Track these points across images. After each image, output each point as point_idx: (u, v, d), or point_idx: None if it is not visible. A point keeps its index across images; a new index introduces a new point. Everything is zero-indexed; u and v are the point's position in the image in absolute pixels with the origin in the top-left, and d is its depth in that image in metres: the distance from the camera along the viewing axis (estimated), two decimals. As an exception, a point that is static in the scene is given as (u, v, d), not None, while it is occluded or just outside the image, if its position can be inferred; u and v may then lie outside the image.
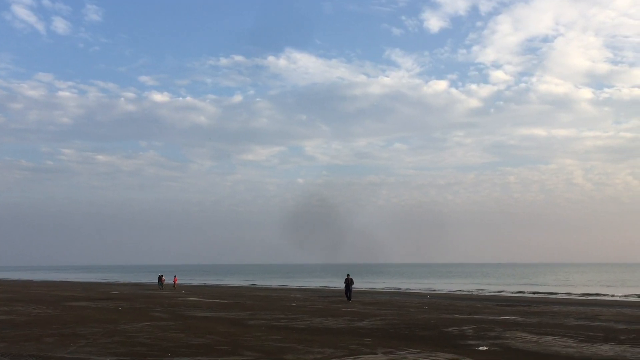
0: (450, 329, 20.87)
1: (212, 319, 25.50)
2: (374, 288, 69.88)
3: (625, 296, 52.04)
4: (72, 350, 15.50)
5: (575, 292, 58.34)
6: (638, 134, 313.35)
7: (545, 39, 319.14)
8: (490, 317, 26.21)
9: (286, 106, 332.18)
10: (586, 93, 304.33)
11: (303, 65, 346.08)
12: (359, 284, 78.43)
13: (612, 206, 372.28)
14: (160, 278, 65.88)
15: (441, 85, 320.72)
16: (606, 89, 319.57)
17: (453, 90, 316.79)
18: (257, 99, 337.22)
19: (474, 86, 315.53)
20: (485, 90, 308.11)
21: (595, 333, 19.60)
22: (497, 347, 16.06)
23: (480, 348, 15.92)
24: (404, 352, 14.88)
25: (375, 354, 14.67)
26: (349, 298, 39.04)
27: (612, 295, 52.85)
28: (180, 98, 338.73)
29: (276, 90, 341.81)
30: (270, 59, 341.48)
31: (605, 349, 15.84)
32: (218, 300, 40.37)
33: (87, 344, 16.66)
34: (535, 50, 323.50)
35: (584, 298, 48.75)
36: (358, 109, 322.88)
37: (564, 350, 15.50)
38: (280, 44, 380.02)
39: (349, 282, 39.45)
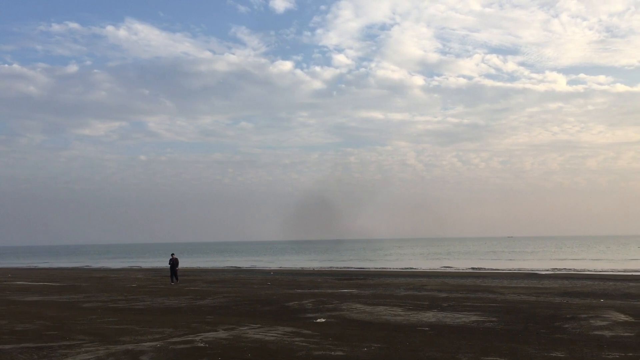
0: (291, 303, 21.53)
1: (41, 303, 23.77)
2: (218, 266, 69.64)
3: (448, 267, 57.44)
4: None
5: (403, 266, 63.04)
6: (462, 119, 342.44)
7: (383, 27, 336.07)
8: (329, 291, 27.45)
9: (127, 79, 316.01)
10: (418, 80, 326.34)
11: (145, 38, 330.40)
12: (200, 263, 77.85)
13: (439, 185, 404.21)
14: None
15: (287, 65, 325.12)
16: (436, 77, 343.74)
17: (298, 71, 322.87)
18: (95, 71, 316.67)
19: (317, 68, 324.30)
20: (328, 73, 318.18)
21: (421, 302, 21.42)
22: (334, 319, 16.90)
23: (318, 320, 16.64)
24: (245, 328, 15.09)
25: (217, 331, 14.70)
26: (176, 279, 35.95)
27: (438, 268, 57.99)
28: (6, 65, 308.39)
29: (116, 62, 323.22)
30: (109, 28, 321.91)
31: (429, 315, 17.39)
32: (49, 284, 37.69)
33: None
34: (374, 37, 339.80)
35: (413, 270, 52.86)
36: (203, 86, 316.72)
37: (393, 319, 16.75)
38: (120, 13, 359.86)
39: (174, 262, 36.46)
